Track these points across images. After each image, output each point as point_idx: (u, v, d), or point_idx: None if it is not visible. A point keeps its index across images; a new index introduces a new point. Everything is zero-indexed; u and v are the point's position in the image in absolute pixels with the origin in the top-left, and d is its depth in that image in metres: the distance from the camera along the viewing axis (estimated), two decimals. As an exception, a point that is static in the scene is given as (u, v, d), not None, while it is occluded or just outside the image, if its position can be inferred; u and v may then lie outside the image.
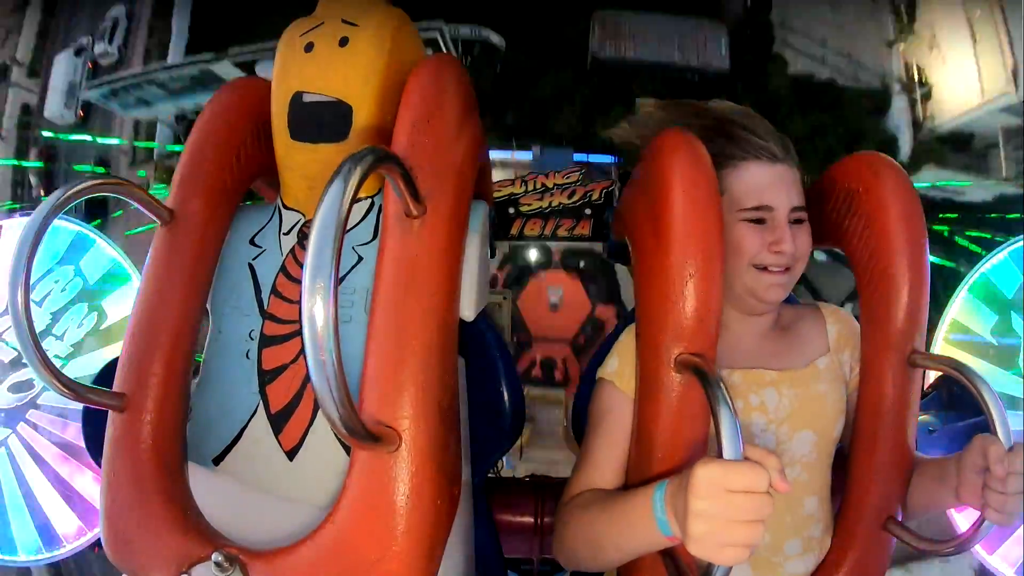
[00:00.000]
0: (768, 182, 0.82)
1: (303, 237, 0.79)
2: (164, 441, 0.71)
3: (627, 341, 0.84)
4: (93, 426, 1.25)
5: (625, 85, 4.44)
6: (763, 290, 0.82)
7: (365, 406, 0.63)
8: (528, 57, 4.69)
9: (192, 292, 0.75)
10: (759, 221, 0.81)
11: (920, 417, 0.88)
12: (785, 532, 0.82)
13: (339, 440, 0.71)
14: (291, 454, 0.72)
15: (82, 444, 1.66)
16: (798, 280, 0.87)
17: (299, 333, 0.73)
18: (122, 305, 1.82)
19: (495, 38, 4.78)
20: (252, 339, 0.76)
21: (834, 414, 0.85)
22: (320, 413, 0.71)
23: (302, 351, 0.73)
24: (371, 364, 0.65)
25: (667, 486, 0.63)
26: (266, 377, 0.74)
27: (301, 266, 0.76)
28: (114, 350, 1.81)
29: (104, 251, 1.84)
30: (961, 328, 1.67)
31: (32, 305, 0.63)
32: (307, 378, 0.72)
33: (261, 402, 0.74)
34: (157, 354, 0.72)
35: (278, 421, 0.73)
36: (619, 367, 0.83)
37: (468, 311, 0.77)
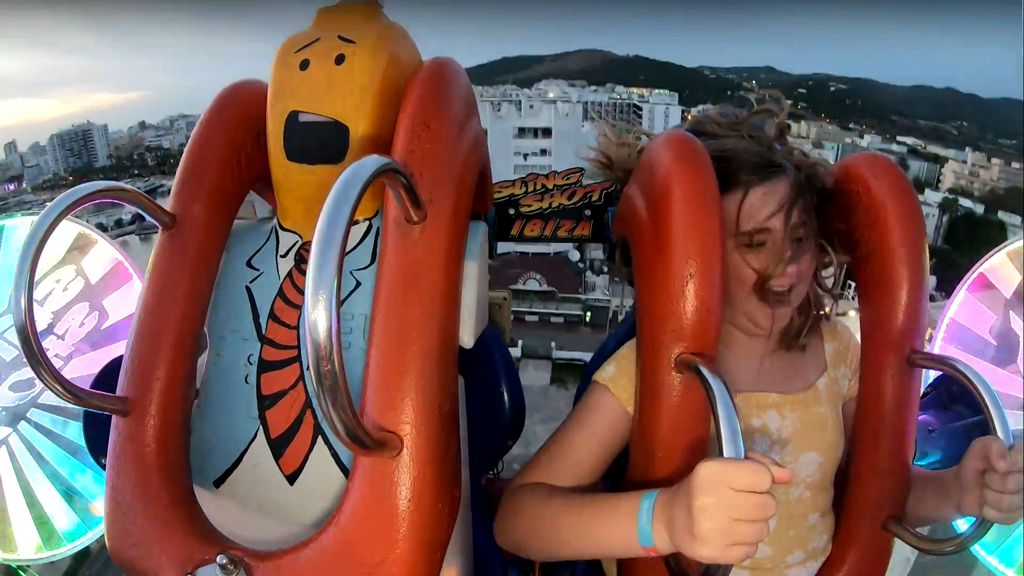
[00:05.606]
0: (763, 202, 0.78)
1: (301, 260, 0.79)
2: (168, 445, 0.71)
3: (627, 354, 0.84)
4: (93, 426, 1.25)
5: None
6: (764, 320, 0.81)
7: (367, 411, 0.63)
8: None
9: (194, 296, 0.75)
10: (759, 244, 0.79)
11: (919, 417, 0.88)
12: (788, 546, 0.82)
13: (339, 464, 0.71)
14: (291, 478, 0.72)
15: (83, 443, 1.66)
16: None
17: (298, 359, 0.74)
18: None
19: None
20: (251, 364, 0.76)
21: (836, 435, 0.85)
22: (320, 439, 0.71)
23: (301, 377, 0.73)
24: (372, 369, 0.64)
25: (658, 496, 0.63)
26: (265, 402, 0.74)
27: (299, 291, 0.76)
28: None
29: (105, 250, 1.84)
30: (960, 328, 1.67)
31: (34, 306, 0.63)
32: (307, 404, 0.73)
33: (261, 427, 0.74)
34: (160, 358, 0.72)
35: (278, 446, 0.73)
36: (615, 374, 0.83)
37: (467, 337, 0.76)
